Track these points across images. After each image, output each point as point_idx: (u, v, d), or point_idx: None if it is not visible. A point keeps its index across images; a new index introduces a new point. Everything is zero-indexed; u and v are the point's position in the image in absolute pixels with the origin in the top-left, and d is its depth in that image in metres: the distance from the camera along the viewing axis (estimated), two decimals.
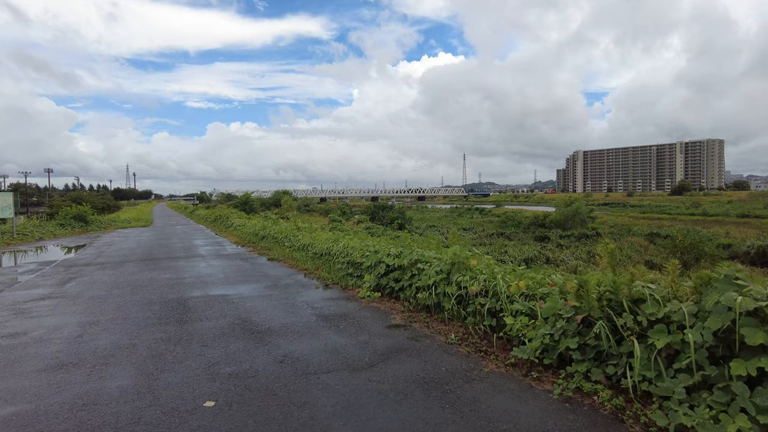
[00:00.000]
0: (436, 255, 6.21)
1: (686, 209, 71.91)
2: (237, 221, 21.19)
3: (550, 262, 26.87)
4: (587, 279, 4.05)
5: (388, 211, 49.77)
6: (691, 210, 69.62)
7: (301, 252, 11.03)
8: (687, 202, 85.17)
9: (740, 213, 60.64)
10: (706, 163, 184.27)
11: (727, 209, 66.00)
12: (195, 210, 45.58)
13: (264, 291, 7.39)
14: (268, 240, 14.09)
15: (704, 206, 72.83)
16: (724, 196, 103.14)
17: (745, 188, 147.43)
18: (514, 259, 27.08)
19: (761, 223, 50.16)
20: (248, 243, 15.05)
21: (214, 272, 9.47)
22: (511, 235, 37.85)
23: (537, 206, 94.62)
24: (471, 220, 59.77)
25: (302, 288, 7.56)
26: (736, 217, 58.22)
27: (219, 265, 10.60)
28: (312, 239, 11.16)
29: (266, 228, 15.40)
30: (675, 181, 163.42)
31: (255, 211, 54.16)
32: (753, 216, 57.99)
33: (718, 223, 52.32)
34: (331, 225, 38.59)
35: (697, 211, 67.21)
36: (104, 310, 6.39)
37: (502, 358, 4.12)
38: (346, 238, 10.61)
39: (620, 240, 34.43)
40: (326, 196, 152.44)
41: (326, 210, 66.29)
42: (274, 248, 12.69)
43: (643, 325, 3.41)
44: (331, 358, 4.20)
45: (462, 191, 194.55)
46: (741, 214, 59.98)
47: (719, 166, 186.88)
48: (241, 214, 27.34)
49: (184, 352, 4.48)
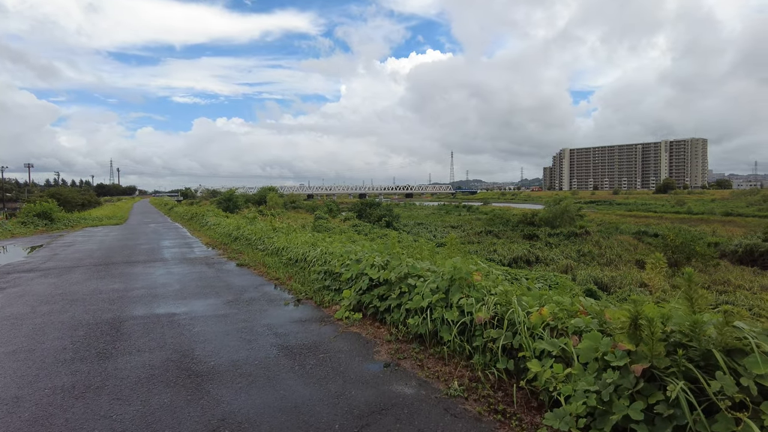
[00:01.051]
0: (431, 267, 5.02)
1: (671, 207, 72.18)
2: (212, 220, 19.75)
3: (539, 261, 26.06)
4: (646, 311, 2.89)
5: (376, 209, 48.65)
6: (676, 208, 69.87)
7: (274, 257, 9.74)
8: (672, 201, 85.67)
9: (724, 211, 60.87)
10: (690, 161, 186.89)
11: (711, 207, 66.26)
12: (174, 207, 43.71)
13: (222, 308, 6.11)
14: (241, 242, 12.75)
15: (689, 204, 73.25)
16: (707, 195, 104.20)
17: (728, 187, 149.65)
18: (503, 258, 26.18)
19: (746, 222, 50.33)
20: (220, 245, 13.69)
21: (171, 282, 8.14)
22: (500, 233, 37.16)
23: (524, 204, 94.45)
24: (459, 217, 59.10)
25: (269, 304, 6.30)
26: (721, 215, 58.38)
27: (180, 272, 9.27)
28: (287, 242, 9.88)
29: (240, 228, 14.05)
30: (660, 180, 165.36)
31: (239, 208, 52.52)
32: (737, 214, 58.25)
33: (703, 221, 52.34)
34: (315, 223, 37.23)
35: (682, 209, 67.47)
36: (13, 336, 5.06)
37: (529, 426, 2.94)
38: (325, 242, 9.38)
39: (609, 238, 33.85)
40: (313, 192, 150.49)
41: (313, 207, 64.82)
42: (246, 251, 11.36)
43: (751, 392, 2.27)
44: (288, 425, 2.99)
45: (449, 188, 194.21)
46: (725, 212, 60.22)
47: (703, 165, 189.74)
48: (218, 211, 25.84)
49: (83, 412, 3.20)
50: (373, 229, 36.71)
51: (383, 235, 33.82)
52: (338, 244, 8.36)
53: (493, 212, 58.99)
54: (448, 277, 4.43)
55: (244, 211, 45.66)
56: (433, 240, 34.72)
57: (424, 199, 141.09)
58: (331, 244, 8.74)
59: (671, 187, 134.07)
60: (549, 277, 17.19)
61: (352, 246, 7.50)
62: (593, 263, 25.49)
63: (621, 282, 19.67)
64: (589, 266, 24.18)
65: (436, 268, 4.91)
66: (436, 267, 4.94)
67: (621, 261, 26.22)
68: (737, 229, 42.66)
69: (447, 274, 4.44)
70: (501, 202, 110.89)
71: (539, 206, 76.75)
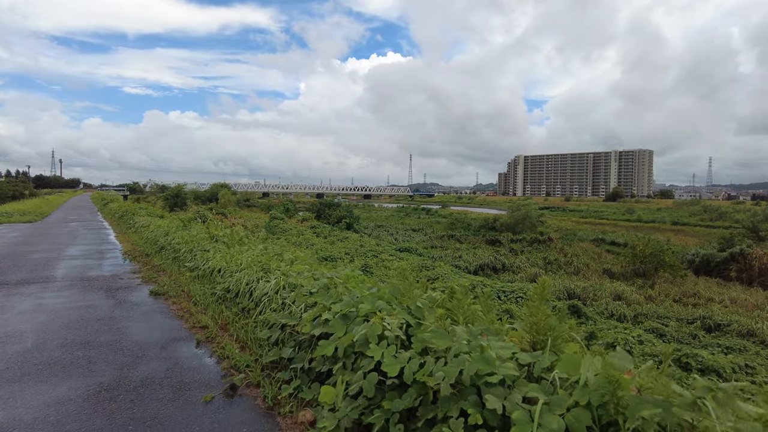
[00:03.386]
0: (517, 352, 2.38)
1: (622, 215, 74.18)
2: (141, 220, 16.16)
3: (506, 269, 24.50)
4: None
5: (336, 209, 45.65)
6: (626, 216, 71.70)
7: (205, 283, 6.72)
8: (622, 208, 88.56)
9: (673, 220, 62.91)
10: (637, 171, 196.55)
11: (663, 216, 68.41)
12: (110, 203, 38.47)
13: (75, 416, 3.15)
14: (167, 253, 9.54)
15: (639, 213, 75.53)
16: (653, 204, 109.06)
17: (670, 197, 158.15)
18: (469, 265, 24.27)
19: (694, 231, 51.97)
20: (141, 255, 10.36)
21: (24, 330, 4.98)
22: (461, 238, 35.78)
23: (480, 208, 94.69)
24: (418, 220, 57.52)
25: (175, 399, 3.34)
26: (671, 224, 60.11)
27: (56, 306, 6.08)
28: (227, 260, 6.87)
29: (170, 234, 10.79)
30: (609, 188, 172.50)
31: (187, 205, 47.77)
32: (683, 224, 60.22)
33: (655, 229, 53.36)
34: (270, 224, 33.68)
35: (632, 217, 69.30)
36: None
37: None
38: (284, 261, 6.50)
39: (572, 245, 32.96)
40: (269, 191, 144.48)
41: (268, 206, 60.71)
42: (171, 269, 8.23)
43: None
44: None
45: (408, 191, 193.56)
46: (673, 221, 62.17)
47: (649, 175, 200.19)
48: (153, 210, 21.93)
49: None
50: (333, 231, 33.83)
51: (344, 238, 30.99)
52: (305, 267, 5.54)
53: (452, 215, 57.54)
54: (596, 392, 1.82)
55: (197, 208, 41.29)
56: (395, 243, 32.44)
57: (382, 201, 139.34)
58: (293, 265, 5.91)
59: (620, 195, 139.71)
60: (525, 289, 15.45)
61: (331, 274, 4.68)
62: (560, 272, 24.36)
63: (594, 293, 18.35)
64: (557, 275, 22.92)
65: (534, 356, 2.28)
66: (532, 354, 2.30)
67: (588, 270, 25.20)
68: (689, 239, 43.53)
69: (595, 388, 1.82)
70: (458, 205, 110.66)
71: (495, 210, 76.95)
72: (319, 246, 24.62)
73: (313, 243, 25.57)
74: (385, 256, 22.63)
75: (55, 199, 61.99)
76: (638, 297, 18.11)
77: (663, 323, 14.49)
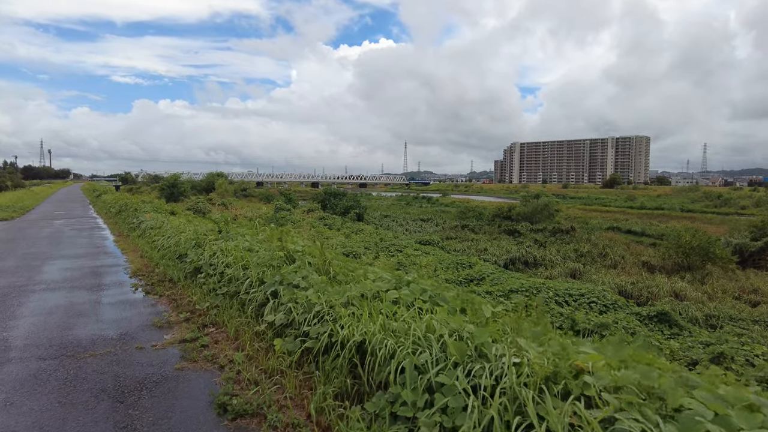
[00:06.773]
0: None
1: (624, 202, 73.13)
2: (149, 219, 13.70)
3: (538, 263, 22.86)
4: None
5: (341, 199, 43.62)
6: (629, 203, 70.56)
7: (336, 372, 3.48)
8: (622, 196, 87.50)
9: (680, 207, 61.72)
10: (633, 158, 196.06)
11: (669, 203, 67.27)
12: (103, 194, 35.84)
13: None
14: (210, 280, 6.48)
15: (642, 200, 74.27)
16: (651, 191, 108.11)
17: (667, 183, 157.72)
18: (497, 258, 22.53)
19: (707, 218, 50.55)
20: (162, 281, 7.68)
21: None
22: (476, 228, 33.95)
23: (480, 196, 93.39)
24: (421, 209, 55.78)
25: None
26: (679, 211, 58.84)
27: None
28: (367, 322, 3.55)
29: (203, 244, 8.08)
30: (606, 175, 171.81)
31: (184, 196, 45.43)
32: (691, 210, 58.98)
33: (666, 216, 52.06)
34: (276, 215, 31.62)
35: (635, 204, 68.12)
36: None
37: None
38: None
39: (594, 236, 31.38)
40: (263, 180, 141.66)
41: (266, 196, 58.51)
42: (231, 321, 5.23)
43: None
44: None
45: (403, 179, 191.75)
46: (681, 208, 60.95)
47: (645, 162, 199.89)
48: (160, 204, 19.39)
49: None
50: (345, 223, 31.89)
51: (358, 230, 29.05)
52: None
53: (454, 204, 55.77)
54: None
55: (196, 199, 38.95)
56: (409, 235, 30.55)
57: (379, 189, 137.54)
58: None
59: (617, 182, 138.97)
60: (600, 295, 13.58)
61: None
62: (596, 265, 22.72)
63: (649, 291, 16.77)
64: (593, 268, 21.41)
65: None
66: None
67: (625, 263, 23.57)
68: (706, 227, 42.17)
69: None
70: (457, 193, 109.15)
71: (494, 198, 75.40)
72: (336, 240, 22.79)
73: (328, 236, 23.74)
74: (409, 251, 20.83)
75: (42, 191, 58.75)
76: (698, 295, 16.55)
77: (741, 327, 12.88)
